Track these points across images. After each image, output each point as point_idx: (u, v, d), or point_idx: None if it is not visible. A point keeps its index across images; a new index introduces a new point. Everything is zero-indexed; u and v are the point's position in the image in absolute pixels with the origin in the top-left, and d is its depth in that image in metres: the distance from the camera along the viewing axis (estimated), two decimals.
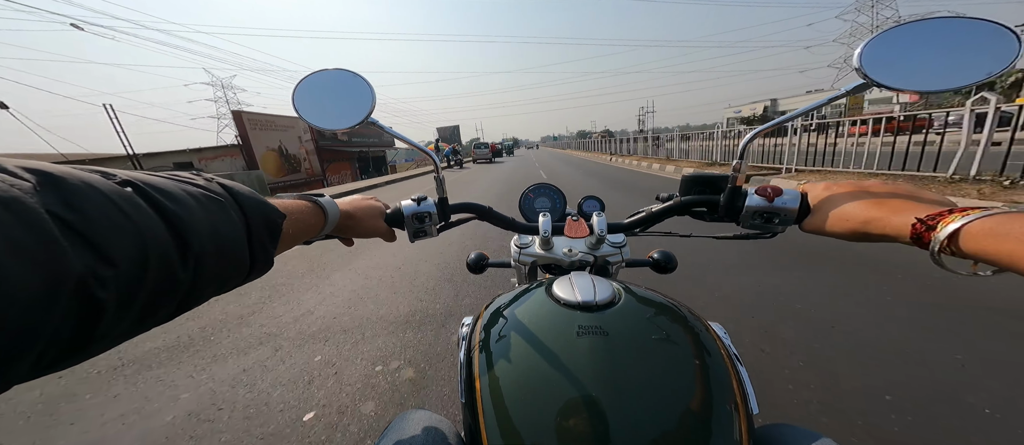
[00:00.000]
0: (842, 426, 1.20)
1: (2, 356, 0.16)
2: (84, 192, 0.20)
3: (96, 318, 0.19)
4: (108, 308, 0.20)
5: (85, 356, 0.21)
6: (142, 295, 0.22)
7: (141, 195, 0.23)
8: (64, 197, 0.19)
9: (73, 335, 0.19)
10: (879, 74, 0.38)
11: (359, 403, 1.45)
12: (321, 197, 0.48)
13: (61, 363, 0.20)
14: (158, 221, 0.23)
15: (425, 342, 1.84)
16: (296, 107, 0.52)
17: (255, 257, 0.32)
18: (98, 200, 0.21)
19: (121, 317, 0.21)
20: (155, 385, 1.65)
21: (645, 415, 0.36)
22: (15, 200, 0.17)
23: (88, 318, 0.19)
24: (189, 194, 0.27)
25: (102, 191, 0.21)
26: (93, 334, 0.20)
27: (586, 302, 0.46)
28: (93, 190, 0.21)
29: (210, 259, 0.26)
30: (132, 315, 0.22)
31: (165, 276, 0.23)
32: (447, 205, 0.62)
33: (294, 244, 0.43)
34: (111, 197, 0.21)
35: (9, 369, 0.17)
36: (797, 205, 0.47)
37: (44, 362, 0.18)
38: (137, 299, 0.21)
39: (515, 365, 0.42)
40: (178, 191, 0.26)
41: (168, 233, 0.23)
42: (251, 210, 0.31)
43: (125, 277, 0.20)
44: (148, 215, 0.23)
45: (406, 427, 0.45)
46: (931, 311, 1.81)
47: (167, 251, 0.23)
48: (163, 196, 0.24)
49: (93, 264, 0.19)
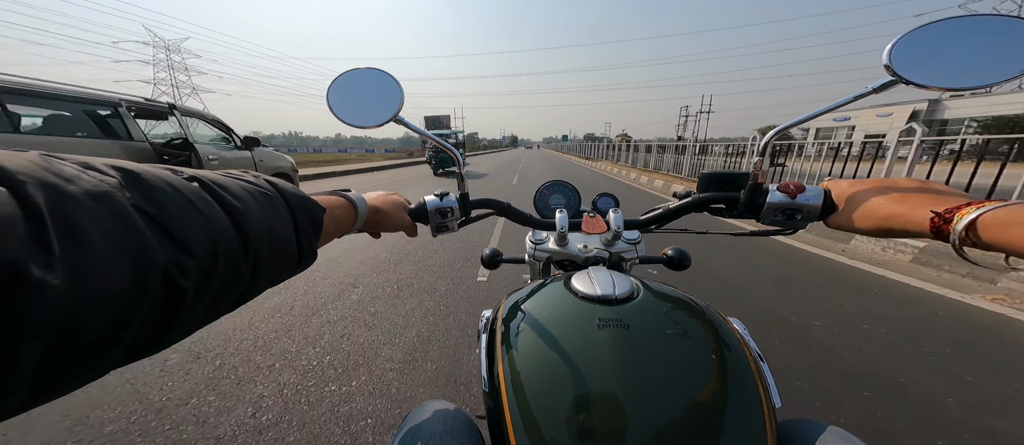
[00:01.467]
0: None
1: (104, 342, 0.17)
2: (161, 187, 0.21)
3: (177, 306, 0.20)
4: (188, 296, 0.21)
5: (163, 346, 0.22)
6: (213, 284, 0.23)
7: (207, 190, 0.25)
8: (145, 192, 0.20)
9: (158, 322, 0.20)
10: (909, 71, 0.38)
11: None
12: (351, 193, 0.49)
13: (146, 350, 0.21)
14: (223, 215, 0.24)
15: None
16: (330, 105, 0.53)
17: (302, 250, 0.33)
18: (173, 195, 0.22)
19: (196, 306, 0.22)
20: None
21: (669, 408, 0.36)
22: (106, 195, 0.18)
23: (171, 306, 0.20)
24: (246, 190, 0.28)
25: (175, 186, 0.22)
26: (174, 321, 0.21)
27: (605, 296, 0.46)
28: (168, 185, 0.22)
29: (266, 252, 0.27)
30: (204, 304, 0.23)
31: (231, 267, 0.24)
32: (468, 200, 0.63)
33: (332, 238, 0.44)
34: (183, 192, 0.23)
35: (108, 355, 0.18)
36: (821, 202, 0.47)
37: (135, 348, 0.19)
38: (209, 288, 0.22)
39: (537, 355, 0.43)
40: (238, 188, 0.27)
41: (232, 226, 0.25)
42: (297, 205, 0.33)
43: (201, 267, 0.21)
44: (215, 209, 0.24)
45: (424, 417, 0.46)
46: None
47: (232, 243, 0.24)
48: (226, 192, 0.26)
49: (174, 253, 0.20)
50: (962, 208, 0.32)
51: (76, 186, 0.17)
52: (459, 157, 0.60)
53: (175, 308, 0.20)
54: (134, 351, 0.20)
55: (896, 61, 0.38)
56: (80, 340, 0.16)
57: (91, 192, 0.18)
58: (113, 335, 0.17)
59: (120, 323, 0.18)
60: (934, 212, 0.33)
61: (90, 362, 0.17)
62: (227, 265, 0.24)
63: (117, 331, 0.18)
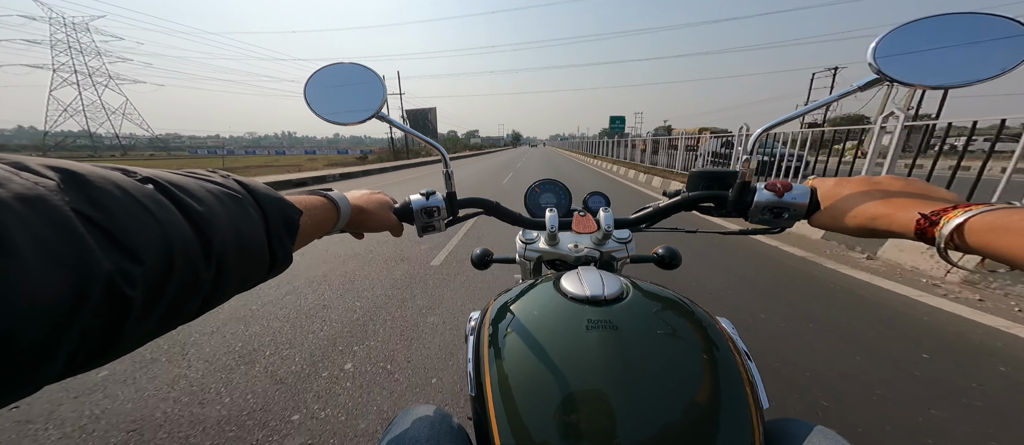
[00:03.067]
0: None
1: (37, 356, 0.16)
2: (108, 190, 0.20)
3: (123, 317, 0.19)
4: (135, 306, 0.19)
5: (112, 356, 0.20)
6: (168, 293, 0.21)
7: (163, 192, 0.23)
8: (89, 195, 0.19)
9: (102, 334, 0.19)
10: (892, 69, 0.38)
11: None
12: (332, 192, 0.48)
13: (90, 363, 0.19)
14: (181, 219, 0.23)
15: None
16: (307, 101, 0.52)
17: (275, 254, 0.31)
18: (122, 198, 0.20)
19: (147, 316, 0.21)
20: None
21: (657, 409, 0.36)
22: (40, 198, 0.17)
23: (116, 317, 0.19)
24: (209, 192, 0.26)
25: (125, 188, 0.21)
26: (120, 333, 0.20)
27: (595, 296, 0.46)
28: (117, 187, 0.21)
29: (232, 257, 0.26)
30: (157, 314, 0.21)
31: (189, 274, 0.23)
32: (455, 200, 0.63)
33: (310, 240, 0.43)
34: (134, 195, 0.21)
35: (42, 369, 0.17)
36: (807, 200, 0.47)
37: (75, 361, 0.18)
38: (163, 297, 0.21)
39: (524, 358, 0.42)
40: (199, 189, 0.26)
41: (191, 231, 0.23)
42: (269, 207, 0.31)
43: (152, 275, 0.20)
44: (171, 213, 0.23)
45: (410, 423, 0.45)
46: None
47: (191, 249, 0.23)
48: (185, 194, 0.24)
49: (121, 262, 0.19)
50: (949, 211, 0.31)
51: (5, 189, 0.16)
52: (445, 155, 0.60)
53: (122, 319, 0.19)
54: (76, 364, 0.19)
55: (880, 59, 0.38)
56: (8, 354, 0.15)
57: (22, 196, 0.17)
58: (47, 349, 0.16)
59: (55, 336, 0.16)
60: (921, 214, 0.33)
61: (21, 377, 0.16)
62: (185, 272, 0.22)
63: (52, 344, 0.16)
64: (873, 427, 1.32)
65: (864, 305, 2.28)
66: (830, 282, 2.65)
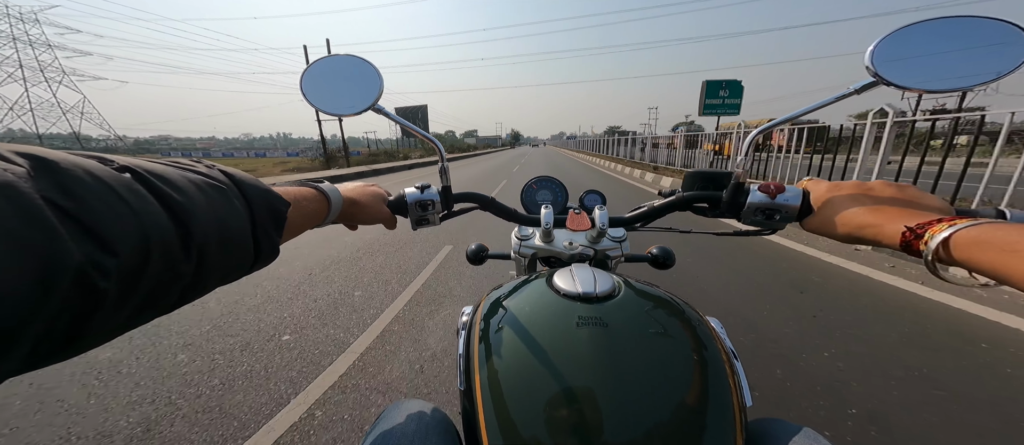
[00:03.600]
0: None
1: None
2: (81, 178, 0.19)
3: (94, 309, 0.19)
4: (108, 298, 0.19)
5: (81, 349, 0.20)
6: (143, 285, 0.21)
7: (141, 182, 0.22)
8: (60, 183, 0.18)
9: (70, 326, 0.18)
10: (890, 73, 0.38)
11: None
12: (323, 183, 0.48)
13: (56, 356, 0.19)
14: (159, 209, 0.22)
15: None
16: (304, 92, 0.52)
17: (260, 247, 0.31)
18: (96, 186, 0.20)
19: (120, 308, 0.20)
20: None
21: (642, 405, 0.37)
22: (8, 185, 0.16)
23: (86, 309, 0.18)
24: (191, 182, 0.26)
25: (100, 177, 0.20)
26: (90, 325, 0.19)
27: (586, 293, 0.46)
28: (90, 176, 0.20)
29: (213, 249, 0.25)
30: (131, 305, 0.21)
31: (167, 266, 0.22)
32: (450, 194, 0.63)
33: (300, 232, 0.43)
34: (109, 183, 0.20)
35: (3, 360, 0.16)
36: (799, 202, 0.47)
37: (40, 353, 0.18)
38: (138, 290, 0.21)
39: (514, 354, 0.42)
40: (180, 178, 0.25)
41: (170, 222, 0.23)
42: (255, 198, 0.31)
43: (127, 267, 0.20)
44: (149, 203, 0.22)
45: (398, 416, 0.45)
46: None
47: (169, 240, 0.22)
48: (164, 183, 0.24)
49: (93, 252, 0.18)
50: (934, 225, 0.31)
51: None
52: (441, 150, 0.59)
53: (92, 311, 0.19)
54: (40, 355, 0.18)
55: (878, 63, 0.38)
56: None
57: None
58: (9, 342, 0.16)
59: (20, 328, 0.16)
60: (907, 227, 0.33)
61: None
62: (162, 264, 0.22)
63: (15, 337, 0.16)
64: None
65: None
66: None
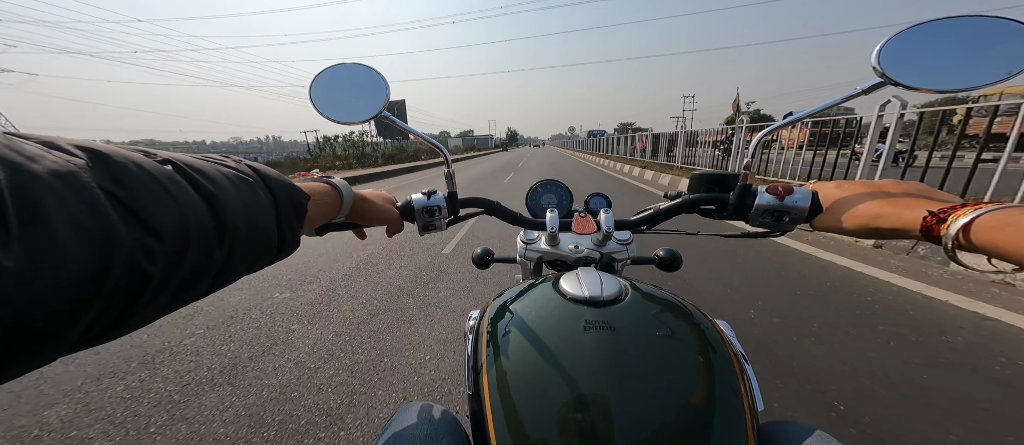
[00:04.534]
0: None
1: (58, 327, 0.17)
2: (131, 170, 0.21)
3: (140, 292, 0.20)
4: (152, 282, 0.20)
5: (125, 331, 0.21)
6: (182, 271, 0.22)
7: (181, 174, 0.24)
8: (113, 174, 0.20)
9: (120, 308, 0.19)
10: (897, 73, 0.38)
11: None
12: (335, 179, 0.48)
13: (104, 336, 0.20)
14: (198, 200, 0.24)
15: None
16: (313, 101, 0.53)
17: (283, 237, 0.32)
18: (144, 178, 0.21)
19: (160, 292, 0.21)
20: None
21: (652, 410, 0.36)
22: (72, 175, 0.18)
23: (134, 291, 0.20)
24: (223, 175, 0.27)
25: (147, 169, 0.22)
26: (135, 307, 0.20)
27: (593, 297, 0.46)
28: (139, 168, 0.21)
29: (243, 239, 0.27)
30: (170, 291, 0.22)
31: (203, 254, 0.24)
32: (457, 199, 0.63)
33: (316, 225, 0.44)
34: (155, 175, 0.22)
35: (59, 339, 0.17)
36: (808, 203, 0.47)
37: (91, 333, 0.19)
38: (177, 275, 0.22)
39: (522, 358, 0.42)
40: (214, 171, 0.27)
41: (207, 211, 0.24)
42: (279, 191, 0.32)
43: (170, 252, 0.21)
44: (189, 194, 0.23)
45: (409, 419, 0.45)
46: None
47: (206, 229, 0.24)
48: (201, 176, 0.25)
49: (142, 238, 0.19)
50: (957, 209, 0.31)
51: (39, 165, 0.17)
52: (447, 155, 0.60)
53: (138, 294, 0.20)
54: (91, 337, 0.19)
55: (884, 63, 0.38)
56: (33, 323, 0.16)
57: (55, 171, 0.17)
58: (69, 320, 0.17)
59: (77, 308, 0.17)
60: (929, 212, 0.33)
61: (41, 346, 0.17)
62: (199, 251, 0.23)
63: (74, 316, 0.17)
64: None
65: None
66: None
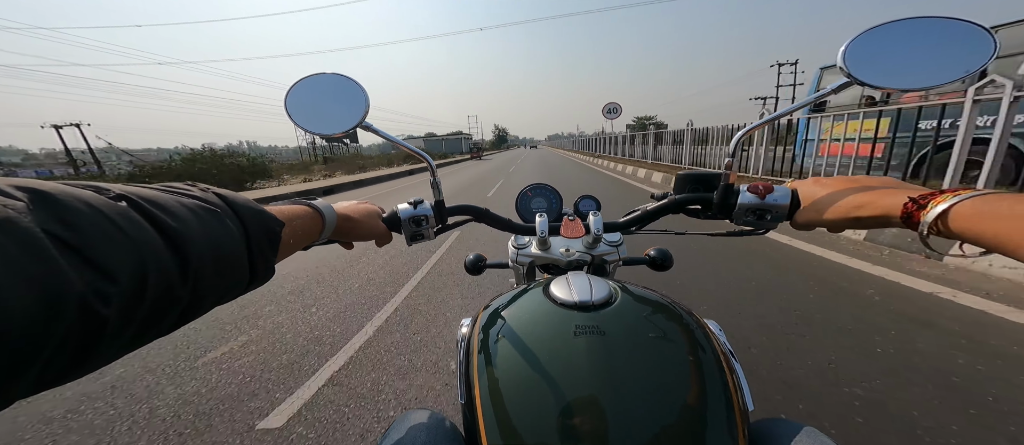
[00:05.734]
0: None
1: (4, 375, 0.16)
2: (78, 209, 0.20)
3: (98, 333, 0.19)
4: (111, 323, 0.20)
5: (88, 370, 0.21)
6: (142, 310, 0.22)
7: (137, 209, 0.23)
8: (58, 215, 0.19)
9: (76, 351, 0.19)
10: (862, 72, 0.38)
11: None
12: (317, 201, 0.48)
13: (64, 377, 0.20)
14: (155, 235, 0.23)
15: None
16: (289, 112, 0.51)
17: (255, 267, 0.31)
18: (93, 216, 0.20)
19: (121, 332, 0.21)
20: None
21: (642, 413, 0.37)
22: (8, 220, 0.17)
23: (91, 334, 0.19)
24: (185, 206, 0.26)
25: (96, 207, 0.21)
26: (96, 349, 0.20)
27: (583, 302, 0.46)
28: (88, 206, 0.21)
29: (209, 272, 0.26)
30: (132, 329, 0.22)
31: (165, 290, 0.23)
32: (444, 208, 0.63)
33: (294, 250, 0.43)
34: (106, 213, 0.21)
35: (12, 385, 0.17)
36: (788, 201, 0.48)
37: (47, 377, 0.19)
38: (137, 314, 0.21)
39: (513, 365, 0.42)
40: (174, 204, 0.26)
41: (166, 247, 0.23)
42: (250, 220, 0.31)
43: (126, 293, 0.20)
44: (145, 230, 0.23)
45: (408, 427, 0.45)
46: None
47: (166, 265, 0.23)
48: (159, 210, 0.24)
49: (94, 280, 0.19)
50: (937, 196, 0.32)
51: None
52: (432, 164, 0.60)
53: (96, 337, 0.19)
54: (46, 381, 0.19)
55: (850, 62, 0.39)
56: None
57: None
58: (17, 367, 0.17)
59: (26, 355, 0.17)
60: (909, 198, 0.34)
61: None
62: (159, 289, 0.22)
63: (23, 363, 0.17)
64: None
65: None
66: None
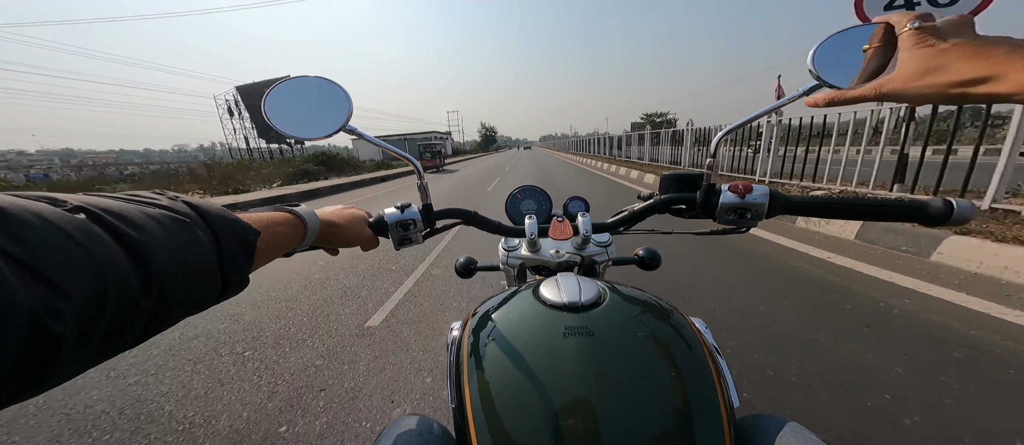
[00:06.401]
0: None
1: None
2: (30, 223, 0.20)
3: (54, 351, 0.19)
4: (66, 341, 0.19)
5: (46, 387, 0.20)
6: (102, 325, 0.21)
7: (96, 221, 0.23)
8: (8, 230, 0.19)
9: (29, 369, 0.18)
10: (830, 75, 0.39)
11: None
12: (299, 207, 0.47)
13: (20, 395, 0.19)
14: (116, 248, 0.22)
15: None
16: (267, 116, 0.50)
17: (227, 278, 0.31)
18: (46, 231, 0.20)
19: (81, 347, 0.21)
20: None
21: (631, 412, 0.37)
22: None
23: (45, 352, 0.19)
24: (150, 217, 0.26)
25: (50, 221, 0.20)
26: (52, 366, 0.19)
27: (572, 303, 0.47)
28: (41, 220, 0.20)
29: (175, 284, 0.25)
30: (94, 343, 0.21)
31: (126, 305, 0.22)
32: (432, 211, 0.63)
33: (273, 258, 0.42)
34: (61, 227, 0.21)
35: None
36: (767, 201, 0.49)
37: (4, 394, 0.18)
38: (97, 329, 0.21)
39: (503, 368, 0.43)
40: (137, 214, 0.25)
41: (128, 260, 0.23)
42: (222, 229, 0.31)
43: (82, 308, 0.20)
44: (104, 243, 0.22)
45: (398, 434, 0.45)
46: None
47: (127, 279, 0.22)
48: (120, 221, 0.24)
49: (45, 296, 0.18)
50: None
51: None
52: (419, 167, 0.60)
53: (51, 354, 0.19)
54: (6, 397, 0.18)
55: (818, 65, 0.40)
56: None
57: None
58: None
59: None
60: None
61: None
62: (120, 302, 0.22)
63: None
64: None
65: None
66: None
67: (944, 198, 0.44)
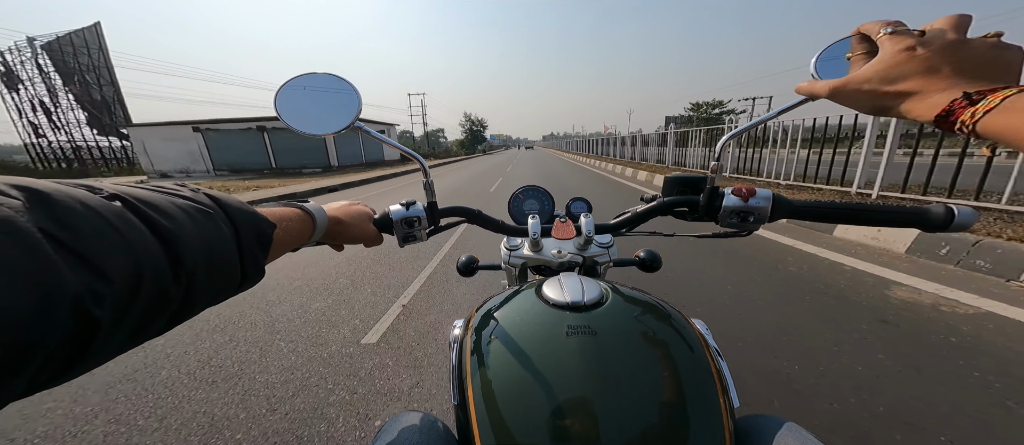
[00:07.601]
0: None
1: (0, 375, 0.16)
2: (74, 209, 0.20)
3: (92, 335, 0.19)
4: (104, 324, 0.20)
5: (79, 372, 0.21)
6: (135, 311, 0.21)
7: (131, 209, 0.23)
8: (55, 214, 0.19)
9: (69, 352, 0.19)
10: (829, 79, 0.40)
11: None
12: (308, 203, 0.48)
13: (57, 379, 0.20)
14: (150, 236, 0.23)
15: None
16: (279, 112, 0.51)
17: (246, 269, 0.31)
18: (89, 216, 0.20)
19: (115, 333, 0.21)
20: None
21: (633, 412, 0.37)
22: (6, 219, 0.17)
23: (84, 335, 0.19)
24: (178, 207, 0.26)
25: (92, 207, 0.21)
26: (89, 350, 0.20)
27: (575, 302, 0.47)
28: (83, 206, 0.21)
29: (202, 273, 0.26)
30: (125, 331, 0.21)
31: (158, 292, 0.23)
32: (437, 209, 0.63)
33: (283, 252, 0.43)
34: (101, 213, 0.21)
35: (7, 385, 0.17)
36: (770, 205, 0.50)
37: (41, 378, 0.19)
38: (131, 316, 0.21)
39: (506, 366, 0.43)
40: (167, 204, 0.26)
41: (160, 249, 0.23)
42: (241, 221, 0.31)
43: (120, 294, 0.20)
44: (139, 230, 0.22)
45: (400, 429, 0.46)
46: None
47: (160, 266, 0.23)
48: (153, 210, 0.24)
49: (89, 281, 0.19)
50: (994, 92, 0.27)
51: None
52: (424, 165, 0.60)
53: (89, 338, 0.19)
54: (40, 382, 0.19)
55: (821, 71, 0.41)
56: None
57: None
58: (12, 367, 0.17)
59: (20, 357, 0.17)
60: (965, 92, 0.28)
61: None
62: (153, 290, 0.22)
63: (17, 365, 0.17)
64: None
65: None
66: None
67: (945, 204, 0.45)
